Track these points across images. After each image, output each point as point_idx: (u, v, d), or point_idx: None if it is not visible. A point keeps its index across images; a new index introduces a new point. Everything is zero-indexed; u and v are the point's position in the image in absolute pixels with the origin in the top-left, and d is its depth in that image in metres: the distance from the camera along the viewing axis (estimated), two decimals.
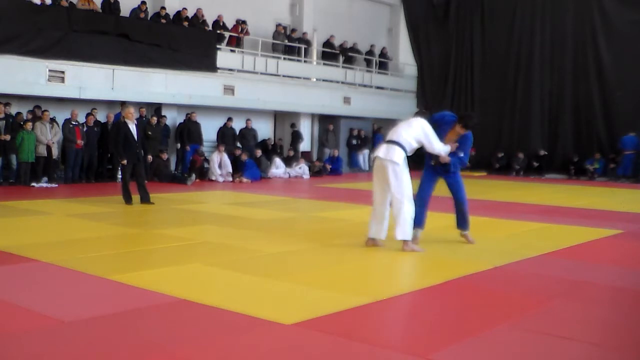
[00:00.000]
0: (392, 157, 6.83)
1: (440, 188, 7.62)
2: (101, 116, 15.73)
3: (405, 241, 6.94)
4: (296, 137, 20.46)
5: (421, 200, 7.42)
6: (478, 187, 15.71)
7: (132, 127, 10.73)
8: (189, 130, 17.03)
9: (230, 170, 16.40)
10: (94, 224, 8.55)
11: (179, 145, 17.08)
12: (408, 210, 6.86)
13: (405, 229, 6.87)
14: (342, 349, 3.94)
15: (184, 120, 17.27)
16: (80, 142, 14.27)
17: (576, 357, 3.97)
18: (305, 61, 20.98)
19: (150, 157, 13.06)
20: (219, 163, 16.33)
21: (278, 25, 20.52)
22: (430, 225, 9.13)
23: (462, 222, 7.65)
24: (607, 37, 21.15)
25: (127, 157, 10.66)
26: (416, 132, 7.01)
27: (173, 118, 17.52)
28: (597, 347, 4.15)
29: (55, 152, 14.04)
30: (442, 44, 24.67)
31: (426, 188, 7.57)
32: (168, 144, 16.87)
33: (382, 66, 24.09)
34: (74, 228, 8.26)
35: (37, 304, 4.68)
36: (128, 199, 10.72)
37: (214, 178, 16.14)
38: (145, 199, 10.80)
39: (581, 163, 20.89)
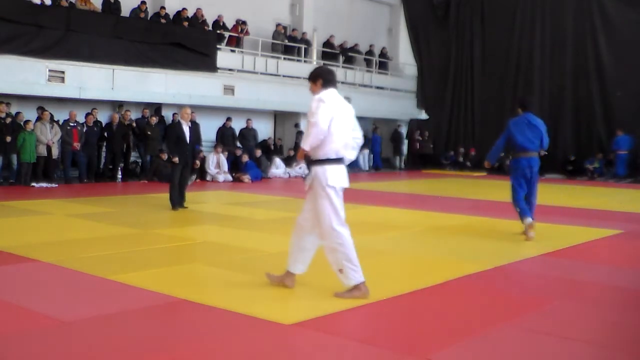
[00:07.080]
0: None
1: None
2: (101, 116, 15.72)
3: None
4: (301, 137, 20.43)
5: None
6: (478, 187, 15.62)
7: (186, 128, 10.22)
8: None
9: (226, 169, 16.40)
10: (94, 224, 8.55)
11: None
12: None
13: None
14: (342, 349, 3.94)
15: None
16: (76, 144, 14.22)
17: (576, 357, 3.97)
18: (305, 61, 20.97)
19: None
20: (216, 163, 16.33)
21: (278, 25, 20.52)
22: (430, 225, 9.14)
23: None
24: (607, 37, 21.14)
25: (178, 158, 10.18)
26: None
27: None
28: (597, 347, 4.15)
29: (55, 152, 14.03)
30: (442, 44, 24.66)
31: None
32: None
33: (382, 66, 24.08)
34: (74, 228, 8.26)
35: (37, 304, 4.67)
36: (174, 204, 10.20)
37: (208, 178, 16.13)
38: (180, 204, 10.30)
39: (580, 163, 20.89)
